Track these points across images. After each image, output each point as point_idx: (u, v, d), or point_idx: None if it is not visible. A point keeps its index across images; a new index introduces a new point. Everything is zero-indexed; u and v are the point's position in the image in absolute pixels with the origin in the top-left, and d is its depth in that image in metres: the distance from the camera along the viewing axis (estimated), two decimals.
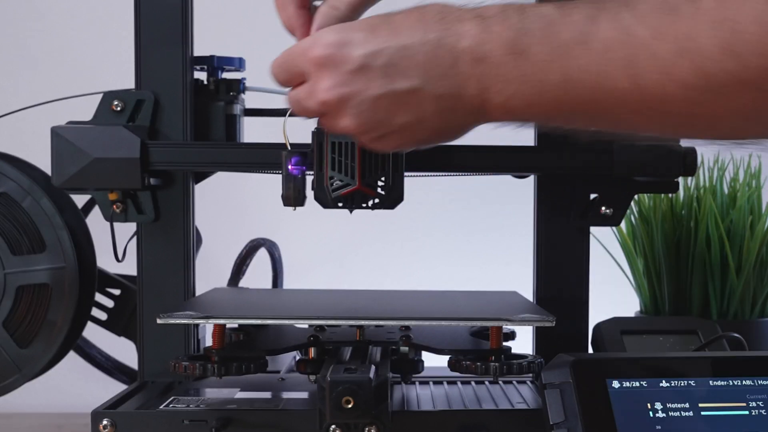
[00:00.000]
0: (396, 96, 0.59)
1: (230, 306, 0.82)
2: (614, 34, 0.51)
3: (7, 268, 0.82)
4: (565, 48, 0.53)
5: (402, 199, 0.76)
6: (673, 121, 0.52)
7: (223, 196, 1.21)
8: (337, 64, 0.59)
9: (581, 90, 0.53)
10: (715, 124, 0.50)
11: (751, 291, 0.99)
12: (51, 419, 1.10)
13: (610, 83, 0.52)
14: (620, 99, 0.52)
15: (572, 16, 0.53)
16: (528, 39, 0.54)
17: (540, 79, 0.54)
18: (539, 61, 0.54)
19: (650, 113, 0.52)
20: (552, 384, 0.64)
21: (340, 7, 0.65)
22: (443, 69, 0.57)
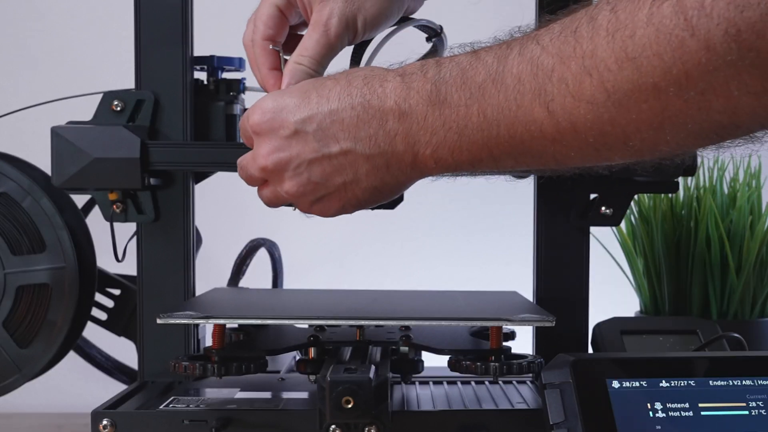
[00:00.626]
0: (329, 158, 0.62)
1: (230, 306, 0.82)
2: (523, 67, 0.53)
3: (7, 268, 0.82)
4: (481, 89, 0.56)
5: (402, 199, 0.76)
6: (589, 144, 0.53)
7: (223, 196, 1.21)
8: (274, 130, 0.64)
9: (500, 127, 0.55)
10: (628, 139, 0.51)
11: (751, 291, 0.99)
12: (51, 419, 1.10)
13: (525, 115, 0.54)
14: (537, 130, 0.54)
15: (485, 59, 0.56)
16: (446, 88, 0.57)
17: (461, 123, 0.57)
18: (458, 107, 0.57)
19: (567, 139, 0.53)
20: (552, 384, 0.64)
21: (303, 62, 0.69)
22: (372, 129, 0.61)
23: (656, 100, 0.48)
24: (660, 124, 0.49)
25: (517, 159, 0.58)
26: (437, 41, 0.81)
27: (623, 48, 0.48)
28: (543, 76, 0.52)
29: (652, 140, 0.51)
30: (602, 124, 0.51)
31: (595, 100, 0.50)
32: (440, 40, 0.81)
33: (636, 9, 0.47)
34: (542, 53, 0.52)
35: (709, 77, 0.45)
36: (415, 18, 0.78)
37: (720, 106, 0.46)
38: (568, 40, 0.51)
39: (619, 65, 0.48)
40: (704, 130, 0.49)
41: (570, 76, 0.51)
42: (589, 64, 0.49)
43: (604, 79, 0.49)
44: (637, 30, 0.47)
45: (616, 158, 0.54)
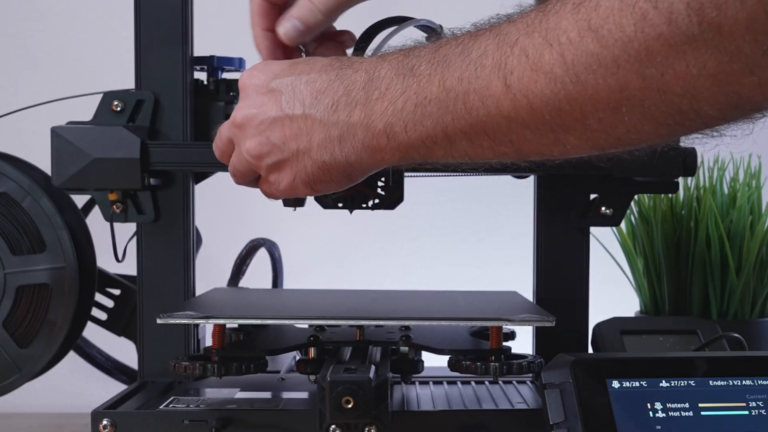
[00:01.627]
0: (290, 120, 0.63)
1: (230, 306, 0.82)
2: (490, 41, 0.53)
3: (7, 268, 0.82)
4: (446, 60, 0.55)
5: (402, 199, 0.76)
6: (545, 122, 0.52)
7: (223, 196, 1.21)
8: (255, 87, 0.65)
9: (457, 100, 0.55)
10: (585, 118, 0.50)
11: (751, 291, 0.99)
12: (51, 419, 1.10)
13: (483, 88, 0.53)
14: (494, 105, 0.53)
15: (460, 38, 0.56)
16: (417, 60, 0.58)
17: (421, 94, 0.57)
18: (421, 77, 0.57)
19: (523, 117, 0.52)
20: (552, 384, 0.64)
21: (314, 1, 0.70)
22: (336, 96, 0.61)
23: (615, 75, 0.47)
24: (618, 103, 0.48)
25: (473, 140, 0.56)
26: None
27: (587, 19, 0.47)
28: (506, 47, 0.51)
29: (609, 121, 0.50)
30: (559, 101, 0.50)
31: (553, 72, 0.49)
32: None
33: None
34: (511, 28, 0.52)
35: (669, 53, 0.45)
36: (416, 18, 0.78)
37: (679, 88, 0.46)
38: (537, 16, 0.51)
39: (580, 36, 0.47)
40: (662, 114, 0.48)
41: (531, 47, 0.50)
42: (551, 36, 0.49)
43: (564, 50, 0.48)
44: (601, 1, 0.46)
45: (572, 141, 0.53)
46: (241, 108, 0.65)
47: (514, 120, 0.53)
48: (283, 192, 0.66)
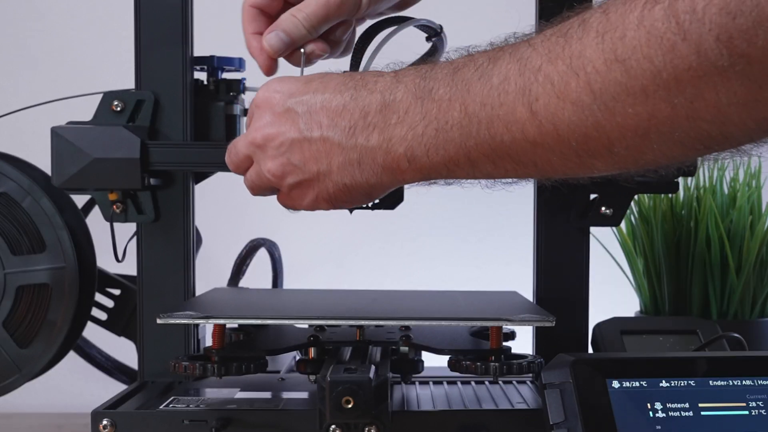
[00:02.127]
0: (309, 142, 0.63)
1: (230, 306, 0.82)
2: (512, 66, 0.53)
3: (7, 268, 0.82)
4: (466, 85, 0.55)
5: (402, 199, 0.76)
6: (571, 149, 0.52)
7: (223, 196, 1.21)
8: (271, 106, 0.65)
9: (480, 125, 0.55)
10: (612, 145, 0.50)
11: (751, 291, 0.99)
12: (51, 419, 1.10)
13: (507, 114, 0.53)
14: (519, 131, 0.53)
15: (477, 59, 0.56)
16: (434, 83, 0.57)
17: (441, 119, 0.57)
18: (441, 101, 0.57)
19: (549, 143, 0.53)
20: (552, 384, 0.64)
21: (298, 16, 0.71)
22: (353, 120, 0.61)
23: (644, 104, 0.47)
24: (646, 130, 0.48)
25: (496, 163, 0.56)
26: (437, 41, 0.81)
27: (613, 49, 0.47)
28: (529, 74, 0.52)
29: (637, 148, 0.50)
30: (586, 128, 0.50)
31: (580, 101, 0.49)
32: (440, 40, 0.81)
33: (627, 11, 0.47)
34: (532, 53, 0.52)
35: (699, 83, 0.45)
36: (415, 18, 0.78)
37: (709, 115, 0.46)
38: (558, 41, 0.50)
39: (607, 66, 0.48)
40: (691, 140, 0.48)
41: (556, 75, 0.50)
42: (576, 64, 0.49)
43: (591, 80, 0.48)
44: (627, 32, 0.46)
45: (598, 166, 0.53)
46: (260, 128, 0.65)
47: (539, 145, 0.53)
48: (305, 208, 0.67)
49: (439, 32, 0.81)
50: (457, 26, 0.85)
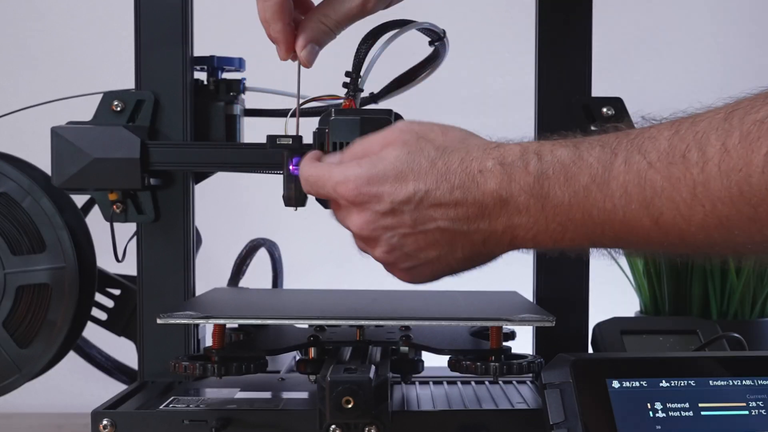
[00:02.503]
0: (424, 234, 0.62)
1: (230, 306, 0.82)
2: (630, 177, 0.55)
3: (7, 268, 0.82)
4: (585, 191, 0.57)
5: None
6: (697, 248, 0.56)
7: (223, 196, 1.21)
8: (370, 204, 0.62)
9: (604, 227, 0.57)
10: (737, 251, 0.55)
11: (751, 291, 0.99)
12: (51, 419, 1.10)
13: (631, 221, 0.55)
14: (644, 235, 0.56)
15: (587, 159, 0.57)
16: (549, 183, 0.58)
17: (564, 219, 0.58)
18: (561, 204, 0.58)
19: (674, 244, 0.56)
20: (552, 384, 0.64)
21: (327, 22, 0.70)
22: (471, 211, 0.60)
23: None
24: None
25: (618, 248, 0.61)
26: (440, 45, 0.81)
27: (739, 189, 0.50)
28: (651, 192, 0.54)
29: (760, 250, 0.54)
30: (712, 243, 0.54)
31: (706, 225, 0.52)
32: (443, 45, 0.81)
33: (750, 152, 0.49)
34: (649, 169, 0.54)
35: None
36: (418, 21, 0.78)
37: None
38: (676, 163, 0.52)
39: (733, 202, 0.50)
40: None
41: (681, 200, 0.53)
42: (701, 194, 0.51)
43: (717, 211, 0.51)
44: (752, 175, 0.49)
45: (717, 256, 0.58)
46: (364, 224, 0.63)
47: (664, 245, 0.56)
48: (423, 282, 0.67)
49: (441, 36, 0.81)
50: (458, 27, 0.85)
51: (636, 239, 0.57)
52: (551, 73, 0.83)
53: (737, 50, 1.35)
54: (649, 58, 1.38)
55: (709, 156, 0.51)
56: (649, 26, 1.39)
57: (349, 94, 0.77)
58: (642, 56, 1.39)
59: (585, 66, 0.83)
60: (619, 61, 1.35)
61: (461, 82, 1.34)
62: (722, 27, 1.38)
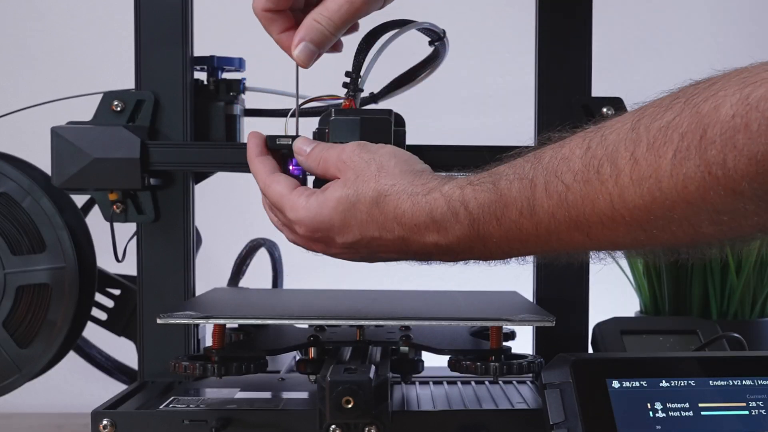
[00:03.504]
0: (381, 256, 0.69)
1: (230, 306, 0.82)
2: (552, 203, 0.57)
3: (7, 268, 0.82)
4: (517, 225, 0.60)
5: None
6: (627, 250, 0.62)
7: (223, 196, 1.21)
8: (324, 243, 0.69)
9: (544, 247, 0.61)
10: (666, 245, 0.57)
11: (751, 291, 0.99)
12: (51, 419, 1.10)
13: (566, 240, 0.59)
14: (579, 247, 0.59)
15: (509, 196, 0.60)
16: (482, 226, 0.61)
17: (505, 248, 0.63)
18: (499, 240, 0.62)
19: (607, 248, 0.61)
20: (552, 384, 0.64)
21: (322, 22, 0.70)
22: (419, 253, 0.66)
23: (690, 227, 0.52)
24: (693, 240, 0.54)
25: (561, 257, 0.65)
26: (439, 45, 0.81)
27: (651, 195, 0.52)
28: (575, 212, 0.56)
29: (690, 245, 0.56)
30: (639, 245, 0.57)
31: (630, 231, 0.55)
32: (442, 45, 0.81)
33: (657, 158, 0.51)
34: (568, 192, 0.56)
35: (740, 211, 0.49)
36: (418, 21, 0.78)
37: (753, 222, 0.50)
38: (591, 180, 0.55)
39: (648, 208, 0.52)
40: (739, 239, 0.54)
41: (603, 214, 0.55)
42: (619, 205, 0.54)
43: (635, 217, 0.53)
44: (662, 180, 0.51)
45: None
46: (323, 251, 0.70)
47: (600, 249, 0.62)
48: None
49: (441, 36, 0.81)
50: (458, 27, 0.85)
51: (575, 250, 0.61)
52: (551, 73, 0.83)
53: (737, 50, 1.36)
54: (649, 58, 1.38)
55: (620, 168, 0.53)
56: (649, 26, 1.39)
57: (349, 94, 0.77)
58: (642, 56, 1.39)
59: (585, 66, 0.83)
60: (619, 61, 1.35)
61: (461, 82, 1.34)
62: (722, 27, 1.38)
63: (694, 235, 0.53)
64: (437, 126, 1.20)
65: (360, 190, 0.66)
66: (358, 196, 0.66)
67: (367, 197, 0.65)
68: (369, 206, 0.65)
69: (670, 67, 1.38)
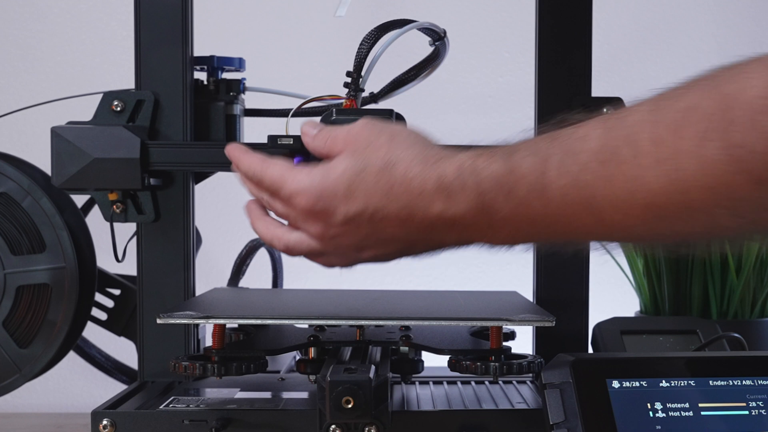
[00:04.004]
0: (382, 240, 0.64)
1: (230, 306, 0.82)
2: (565, 181, 0.55)
3: (7, 268, 0.82)
4: (525, 201, 0.57)
5: None
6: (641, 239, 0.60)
7: (223, 196, 1.21)
8: (323, 218, 0.64)
9: (549, 232, 0.59)
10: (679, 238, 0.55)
11: (751, 291, 0.99)
12: (51, 419, 1.10)
13: (575, 223, 0.56)
14: (589, 232, 0.58)
15: (520, 171, 0.57)
16: (490, 199, 0.59)
17: (510, 228, 0.60)
18: (506, 217, 0.59)
19: (619, 237, 0.59)
20: (552, 384, 0.64)
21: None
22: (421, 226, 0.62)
23: (708, 217, 0.51)
24: (709, 232, 0.53)
25: (569, 244, 0.64)
26: (440, 45, 0.81)
27: (670, 179, 0.50)
28: (588, 192, 0.54)
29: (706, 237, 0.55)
30: (653, 234, 0.55)
31: (645, 217, 0.53)
32: (443, 44, 0.81)
33: (677, 140, 0.49)
34: (583, 171, 0.54)
35: (761, 202, 0.48)
36: (419, 21, 0.78)
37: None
38: (609, 161, 0.53)
39: (667, 192, 0.51)
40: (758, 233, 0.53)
41: (618, 197, 0.53)
42: (636, 188, 0.52)
43: (652, 202, 0.52)
44: (682, 162, 0.49)
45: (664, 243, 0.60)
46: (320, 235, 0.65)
47: (609, 238, 0.60)
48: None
49: (442, 36, 0.81)
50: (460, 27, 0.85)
51: (584, 237, 0.59)
52: (551, 73, 0.83)
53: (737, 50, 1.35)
54: (649, 58, 1.38)
55: (639, 149, 0.51)
56: (650, 26, 1.39)
57: (350, 93, 0.77)
58: (642, 56, 1.39)
59: (585, 66, 0.83)
60: (619, 61, 1.35)
61: (461, 82, 1.34)
62: (722, 27, 1.38)
63: (711, 227, 0.51)
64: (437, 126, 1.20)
65: (369, 158, 0.63)
66: (367, 164, 0.63)
67: (375, 165, 0.63)
68: (377, 173, 0.62)
69: (670, 67, 1.38)
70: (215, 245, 1.05)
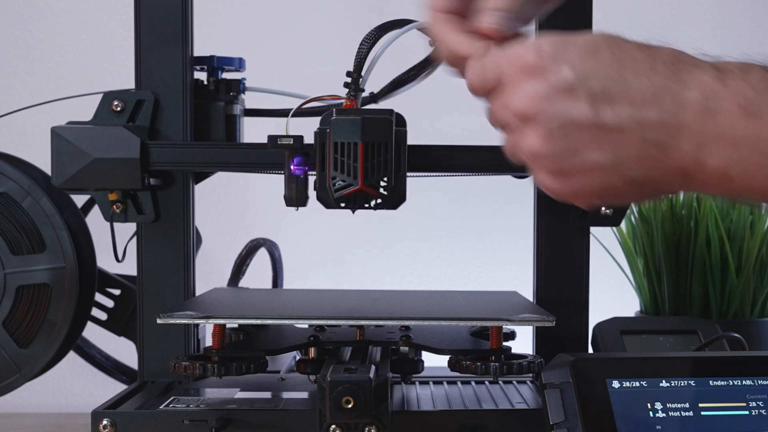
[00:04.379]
0: (597, 128, 0.52)
1: (230, 306, 0.82)
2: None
3: (7, 268, 0.82)
4: (731, 122, 0.49)
5: (404, 199, 0.76)
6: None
7: (223, 196, 1.21)
8: (545, 74, 0.53)
9: (750, 170, 0.49)
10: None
11: (751, 291, 0.99)
12: (51, 419, 1.10)
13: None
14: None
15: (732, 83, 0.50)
16: (763, 102, 0.49)
17: (717, 149, 0.50)
18: (724, 125, 0.50)
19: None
20: (552, 384, 0.64)
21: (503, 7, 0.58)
22: (661, 114, 0.51)
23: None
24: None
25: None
26: None
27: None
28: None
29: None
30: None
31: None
32: None
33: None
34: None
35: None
36: (419, 21, 0.78)
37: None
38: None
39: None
40: None
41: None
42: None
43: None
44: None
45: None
46: (530, 97, 0.53)
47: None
48: (559, 195, 0.56)
49: None
50: None
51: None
52: None
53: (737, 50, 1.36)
54: None
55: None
56: (649, 26, 1.39)
57: (350, 93, 0.77)
58: None
59: None
60: None
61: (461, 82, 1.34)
62: (722, 27, 1.38)
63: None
64: (437, 126, 1.20)
65: (622, 41, 0.53)
66: (623, 40, 0.53)
67: (633, 41, 0.52)
68: (636, 44, 0.52)
69: None
70: (215, 245, 1.05)
